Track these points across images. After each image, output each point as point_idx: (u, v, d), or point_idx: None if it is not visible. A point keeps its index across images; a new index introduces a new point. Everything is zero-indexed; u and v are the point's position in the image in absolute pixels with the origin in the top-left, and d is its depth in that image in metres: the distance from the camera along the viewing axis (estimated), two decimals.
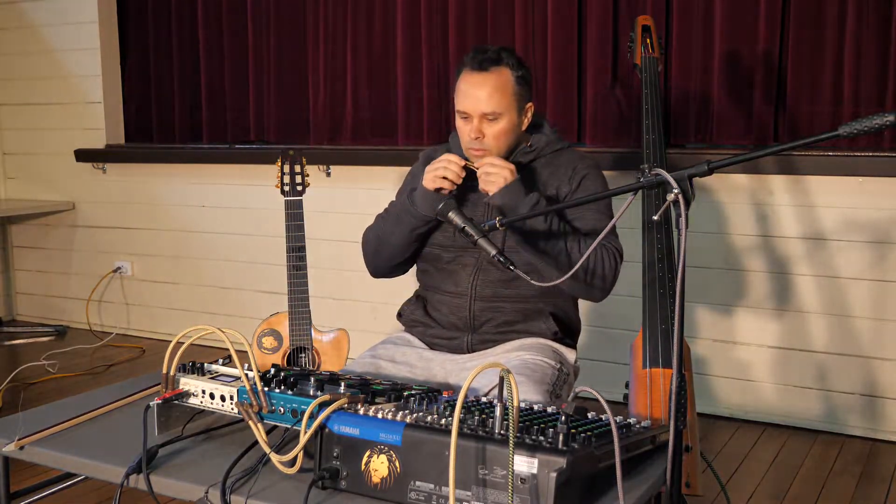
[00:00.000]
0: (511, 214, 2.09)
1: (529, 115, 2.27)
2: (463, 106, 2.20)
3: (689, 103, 3.73)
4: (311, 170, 3.13)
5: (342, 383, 1.66)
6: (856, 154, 3.38)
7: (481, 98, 2.17)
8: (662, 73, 3.62)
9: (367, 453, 1.49)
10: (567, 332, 2.35)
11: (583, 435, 1.47)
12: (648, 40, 3.01)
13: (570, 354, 2.31)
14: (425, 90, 4.24)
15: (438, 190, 2.18)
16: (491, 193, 2.14)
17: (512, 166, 2.15)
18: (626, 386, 2.52)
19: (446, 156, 2.19)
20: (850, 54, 3.45)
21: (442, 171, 2.17)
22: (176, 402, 1.75)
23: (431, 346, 2.33)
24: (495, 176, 2.13)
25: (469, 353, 2.27)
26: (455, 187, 2.19)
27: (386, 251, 2.36)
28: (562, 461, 1.35)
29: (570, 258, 2.11)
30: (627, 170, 3.64)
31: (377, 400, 1.66)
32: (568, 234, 2.15)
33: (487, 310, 2.25)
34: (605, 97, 3.88)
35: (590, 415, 1.71)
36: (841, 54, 3.47)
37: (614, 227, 2.22)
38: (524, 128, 2.28)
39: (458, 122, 2.24)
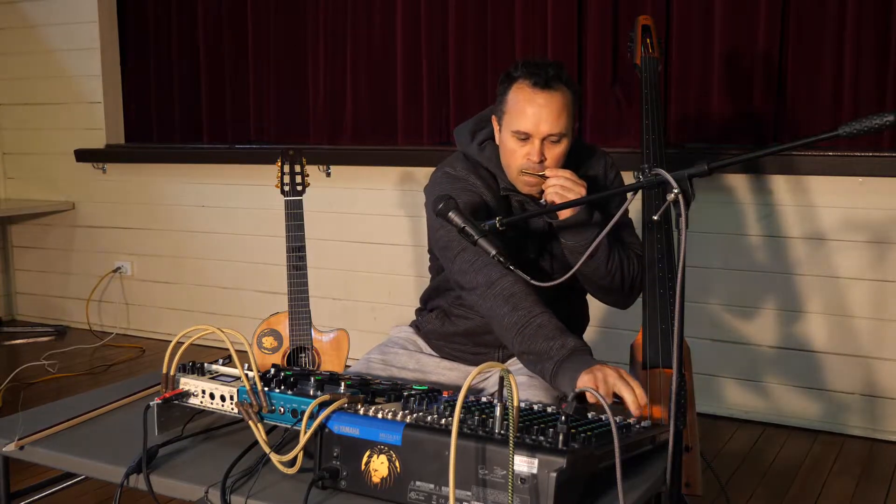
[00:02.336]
0: (574, 236, 2.06)
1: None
2: (524, 126, 2.02)
3: (688, 103, 3.73)
4: (311, 170, 3.14)
5: (342, 383, 1.66)
6: (856, 154, 3.38)
7: (548, 119, 2.01)
8: (662, 73, 3.62)
9: (367, 453, 1.49)
10: (581, 336, 2.36)
11: (583, 435, 1.47)
12: (648, 40, 3.01)
13: None
14: (425, 90, 4.24)
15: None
16: (563, 212, 2.04)
17: (585, 184, 2.02)
18: None
19: (636, 389, 1.77)
20: (850, 54, 3.45)
21: (606, 393, 1.77)
22: (176, 402, 1.74)
23: (448, 358, 2.31)
24: (571, 193, 1.99)
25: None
26: None
27: (510, 347, 2.04)
28: (562, 461, 1.35)
29: (622, 270, 2.12)
30: (627, 170, 3.64)
31: (377, 400, 1.66)
32: (615, 245, 2.11)
33: None
34: (605, 97, 3.88)
35: (590, 415, 1.71)
36: (841, 54, 3.47)
37: (634, 227, 2.25)
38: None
39: (511, 143, 2.06)
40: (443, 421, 1.50)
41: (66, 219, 5.26)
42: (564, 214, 2.04)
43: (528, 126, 2.02)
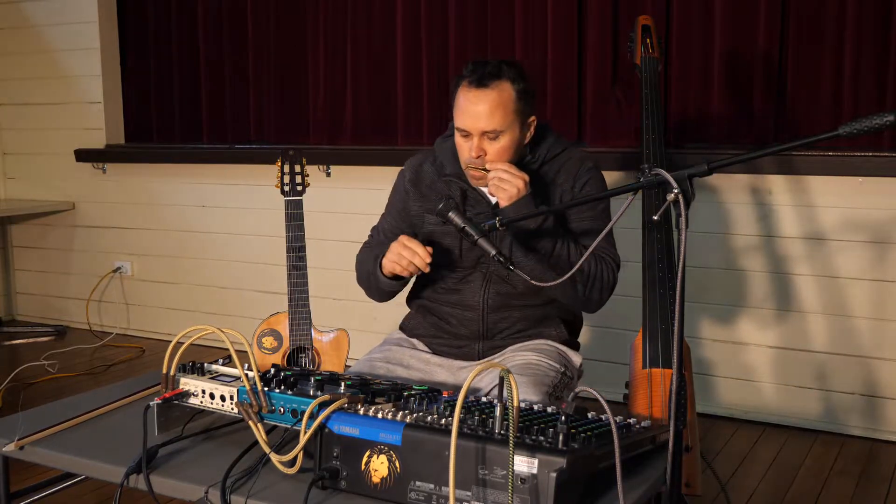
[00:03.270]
0: (515, 229, 2.08)
1: (532, 128, 2.19)
2: (462, 124, 2.11)
3: (688, 103, 3.73)
4: (311, 170, 3.13)
5: (342, 383, 1.66)
6: (856, 154, 3.38)
7: (481, 116, 2.08)
8: (662, 73, 3.62)
9: (367, 453, 1.49)
10: (574, 333, 2.36)
11: (583, 435, 1.47)
12: (648, 40, 3.02)
13: (575, 358, 2.31)
14: (425, 90, 4.24)
15: (395, 274, 2.13)
16: (502, 204, 2.08)
17: (526, 177, 2.07)
18: (626, 386, 2.52)
19: (415, 248, 2.07)
20: (850, 54, 3.45)
21: (407, 265, 2.07)
22: (176, 402, 1.75)
23: (438, 353, 2.32)
24: (508, 185, 2.05)
25: (479, 359, 2.26)
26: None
27: (375, 295, 2.32)
28: (562, 461, 1.35)
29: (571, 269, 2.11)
30: (627, 170, 3.64)
31: (377, 400, 1.66)
32: (572, 246, 2.12)
33: (500, 320, 2.24)
34: (605, 97, 3.88)
35: (590, 415, 1.71)
36: (841, 54, 3.47)
37: (613, 236, 2.23)
38: (527, 141, 2.20)
39: (458, 139, 2.16)
40: (443, 421, 1.50)
41: (66, 219, 5.26)
42: (503, 205, 2.08)
43: (465, 123, 2.11)
